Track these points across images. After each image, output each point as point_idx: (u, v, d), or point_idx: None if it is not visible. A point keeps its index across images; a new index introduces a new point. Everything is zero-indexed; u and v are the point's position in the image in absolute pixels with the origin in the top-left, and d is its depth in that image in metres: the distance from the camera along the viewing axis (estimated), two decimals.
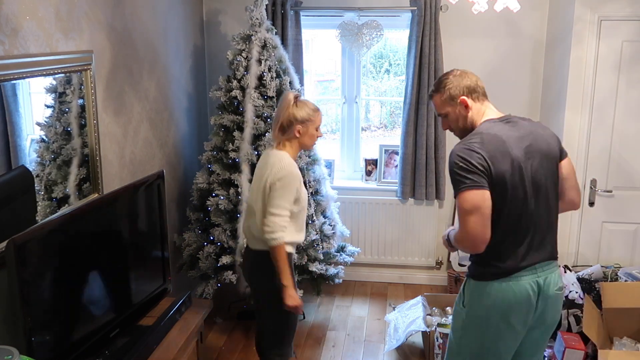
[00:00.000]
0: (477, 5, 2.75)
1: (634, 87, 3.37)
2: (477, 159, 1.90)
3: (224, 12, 4.15)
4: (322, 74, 4.94)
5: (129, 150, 3.00)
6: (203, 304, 2.72)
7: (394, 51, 4.77)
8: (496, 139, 1.96)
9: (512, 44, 3.98)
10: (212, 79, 4.10)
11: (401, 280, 4.40)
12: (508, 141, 1.96)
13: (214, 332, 3.67)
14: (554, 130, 3.64)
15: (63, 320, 2.01)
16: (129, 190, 2.42)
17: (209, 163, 3.50)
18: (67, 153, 2.42)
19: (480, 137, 1.97)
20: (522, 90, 4.04)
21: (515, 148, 1.96)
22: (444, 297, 3.71)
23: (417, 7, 3.81)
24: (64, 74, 2.35)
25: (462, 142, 2.00)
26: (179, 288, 3.62)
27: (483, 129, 2.01)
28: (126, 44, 2.94)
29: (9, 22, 2.01)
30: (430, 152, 3.99)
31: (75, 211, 2.11)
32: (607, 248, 3.57)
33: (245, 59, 3.39)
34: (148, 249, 2.62)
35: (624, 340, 2.99)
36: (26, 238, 1.78)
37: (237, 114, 3.41)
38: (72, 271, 2.05)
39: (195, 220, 3.56)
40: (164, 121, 3.45)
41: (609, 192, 3.51)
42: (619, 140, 3.44)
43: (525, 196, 1.96)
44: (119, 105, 2.87)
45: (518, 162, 1.95)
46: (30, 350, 1.79)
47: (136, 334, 2.31)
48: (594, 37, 3.34)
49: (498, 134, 1.97)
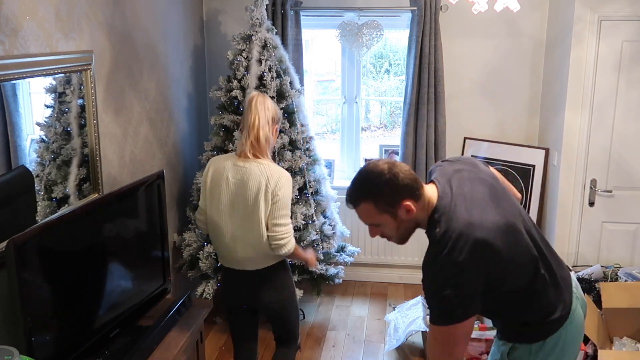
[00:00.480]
0: (477, 5, 2.75)
1: (634, 87, 3.37)
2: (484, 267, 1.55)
3: (224, 12, 4.15)
4: (322, 74, 4.94)
5: (129, 150, 3.00)
6: (203, 304, 2.72)
7: (394, 51, 4.77)
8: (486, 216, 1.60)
9: (512, 44, 3.98)
10: (212, 79, 4.10)
11: (401, 280, 4.40)
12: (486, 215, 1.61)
13: (214, 332, 3.67)
14: (554, 130, 3.67)
15: (63, 320, 2.01)
16: (129, 190, 2.42)
17: None
18: (67, 153, 2.42)
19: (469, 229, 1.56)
20: (522, 90, 4.04)
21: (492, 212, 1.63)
22: None
23: (417, 7, 3.80)
24: (63, 74, 2.35)
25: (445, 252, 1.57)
26: (179, 288, 3.62)
27: (460, 212, 1.62)
28: (126, 44, 2.94)
29: (9, 22, 2.01)
30: (430, 152, 3.99)
31: (75, 211, 2.11)
32: (607, 248, 3.57)
33: (246, 59, 3.39)
34: (148, 249, 2.62)
35: (624, 340, 2.99)
36: (26, 238, 1.78)
37: (237, 114, 3.41)
38: (72, 271, 2.04)
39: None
40: (164, 121, 3.45)
41: (609, 192, 3.51)
42: (619, 140, 3.44)
43: (529, 245, 1.68)
44: (119, 105, 2.87)
45: (511, 226, 1.63)
46: (30, 350, 1.79)
47: (136, 334, 2.31)
48: (594, 37, 3.34)
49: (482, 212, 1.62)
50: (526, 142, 4.04)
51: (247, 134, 2.36)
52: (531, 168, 3.86)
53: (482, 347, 3.11)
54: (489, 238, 1.56)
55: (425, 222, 1.72)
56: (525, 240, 1.67)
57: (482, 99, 4.09)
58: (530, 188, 3.86)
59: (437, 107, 3.93)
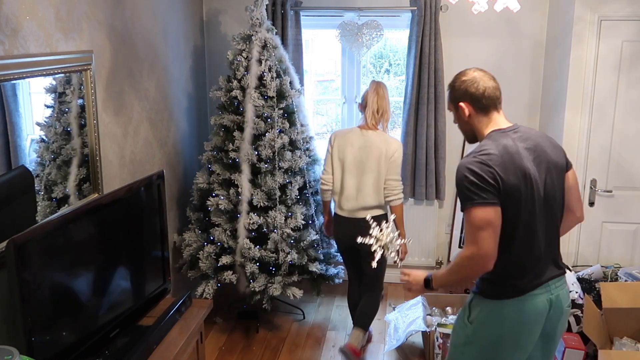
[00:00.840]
0: (477, 5, 2.75)
1: (634, 87, 3.37)
2: (488, 173, 1.84)
3: (224, 12, 4.15)
4: (322, 74, 4.93)
5: (129, 150, 3.00)
6: (203, 304, 2.72)
7: (394, 51, 4.76)
8: (506, 151, 1.90)
9: (512, 44, 3.98)
10: (212, 79, 4.10)
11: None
12: (519, 153, 1.91)
13: (214, 332, 3.67)
14: (554, 130, 3.67)
15: (63, 320, 2.00)
16: (129, 190, 2.42)
17: (209, 163, 3.50)
18: (67, 153, 2.42)
19: (490, 149, 1.90)
20: (522, 90, 4.04)
21: (526, 160, 1.91)
22: (444, 297, 3.71)
23: (417, 7, 3.81)
24: (64, 74, 2.35)
25: (471, 154, 1.93)
26: (179, 288, 3.62)
27: (492, 139, 1.95)
28: (126, 44, 2.94)
29: (9, 22, 2.01)
30: (430, 152, 3.99)
31: (75, 211, 2.11)
32: (607, 248, 3.57)
33: (246, 59, 3.39)
34: (148, 249, 2.62)
35: (624, 340, 2.99)
36: (26, 238, 1.78)
37: (237, 114, 3.41)
38: (72, 271, 2.05)
39: (196, 220, 3.56)
40: (164, 121, 3.45)
41: (609, 192, 3.51)
42: (619, 140, 3.44)
43: (536, 210, 1.91)
44: (119, 105, 2.87)
45: (529, 175, 1.89)
46: (30, 350, 1.78)
47: (136, 334, 2.31)
48: (594, 37, 3.34)
49: (508, 146, 1.91)
50: None
51: (369, 112, 3.18)
52: None
53: None
54: (513, 160, 1.90)
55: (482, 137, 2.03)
56: (533, 197, 1.91)
57: None
58: None
59: (437, 107, 3.93)
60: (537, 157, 1.95)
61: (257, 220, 3.34)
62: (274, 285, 3.37)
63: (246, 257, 3.35)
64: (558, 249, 2.07)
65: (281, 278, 3.42)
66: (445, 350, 3.15)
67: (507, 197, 1.85)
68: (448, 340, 3.14)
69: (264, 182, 3.38)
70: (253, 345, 3.54)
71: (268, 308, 3.46)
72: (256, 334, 3.66)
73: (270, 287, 3.37)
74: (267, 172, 3.39)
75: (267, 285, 3.40)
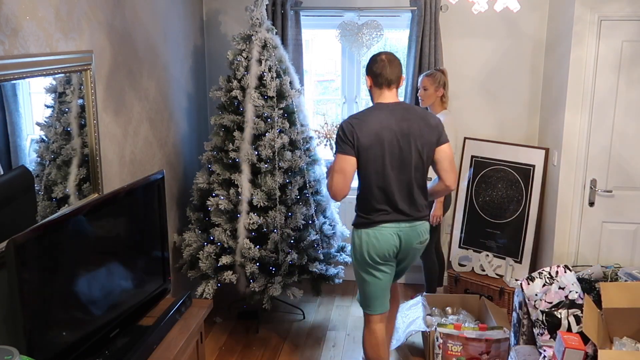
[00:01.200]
0: (477, 5, 2.75)
1: (634, 87, 3.37)
2: (349, 132, 2.52)
3: (224, 12, 4.15)
4: (322, 74, 4.93)
5: (129, 150, 3.00)
6: (203, 304, 2.72)
7: (394, 51, 4.76)
8: (372, 119, 2.54)
9: (512, 44, 3.98)
10: (212, 79, 4.10)
11: (400, 280, 4.38)
12: (382, 122, 2.52)
13: (214, 332, 3.67)
14: (554, 130, 3.67)
15: (63, 320, 2.01)
16: (129, 190, 2.42)
17: (209, 163, 3.50)
18: (67, 153, 2.42)
19: (361, 115, 2.60)
20: (522, 90, 4.04)
21: (386, 129, 2.52)
22: (444, 297, 3.71)
23: (417, 7, 3.81)
24: (64, 74, 2.35)
25: (349, 116, 2.63)
26: (179, 288, 3.62)
27: (372, 108, 2.62)
28: (126, 44, 2.94)
29: (9, 22, 2.01)
30: None
31: (75, 211, 2.11)
32: (607, 248, 3.57)
33: (246, 59, 3.39)
34: (148, 249, 2.62)
35: (624, 340, 2.98)
36: (26, 238, 1.77)
37: (237, 114, 3.41)
38: (72, 271, 2.05)
39: (196, 220, 3.56)
40: (164, 121, 3.45)
41: (609, 192, 3.51)
42: (619, 140, 3.44)
43: (384, 166, 2.54)
44: (119, 105, 2.87)
45: (382, 139, 2.51)
46: (30, 350, 1.78)
47: (136, 334, 2.31)
48: (594, 37, 3.34)
49: (377, 116, 2.55)
50: (526, 142, 4.04)
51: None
52: (531, 168, 3.86)
53: (482, 347, 3.11)
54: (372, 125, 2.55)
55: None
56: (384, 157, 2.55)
57: (482, 99, 4.09)
58: (530, 188, 3.86)
59: None
60: (402, 129, 2.54)
61: (257, 220, 3.34)
62: (274, 286, 3.37)
63: (246, 257, 3.35)
64: (413, 201, 2.62)
65: (281, 278, 3.42)
66: (446, 350, 3.15)
67: (360, 152, 2.52)
68: (448, 340, 3.14)
69: (264, 182, 3.38)
70: (253, 345, 3.54)
71: (268, 308, 3.46)
72: (256, 334, 3.67)
73: (270, 287, 3.37)
74: (267, 172, 3.39)
75: (267, 285, 3.40)
